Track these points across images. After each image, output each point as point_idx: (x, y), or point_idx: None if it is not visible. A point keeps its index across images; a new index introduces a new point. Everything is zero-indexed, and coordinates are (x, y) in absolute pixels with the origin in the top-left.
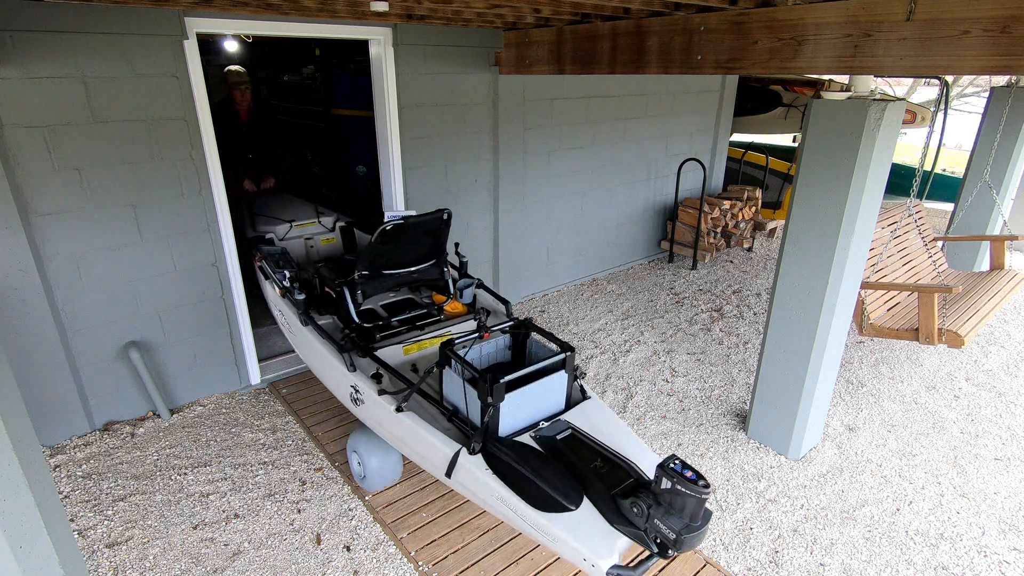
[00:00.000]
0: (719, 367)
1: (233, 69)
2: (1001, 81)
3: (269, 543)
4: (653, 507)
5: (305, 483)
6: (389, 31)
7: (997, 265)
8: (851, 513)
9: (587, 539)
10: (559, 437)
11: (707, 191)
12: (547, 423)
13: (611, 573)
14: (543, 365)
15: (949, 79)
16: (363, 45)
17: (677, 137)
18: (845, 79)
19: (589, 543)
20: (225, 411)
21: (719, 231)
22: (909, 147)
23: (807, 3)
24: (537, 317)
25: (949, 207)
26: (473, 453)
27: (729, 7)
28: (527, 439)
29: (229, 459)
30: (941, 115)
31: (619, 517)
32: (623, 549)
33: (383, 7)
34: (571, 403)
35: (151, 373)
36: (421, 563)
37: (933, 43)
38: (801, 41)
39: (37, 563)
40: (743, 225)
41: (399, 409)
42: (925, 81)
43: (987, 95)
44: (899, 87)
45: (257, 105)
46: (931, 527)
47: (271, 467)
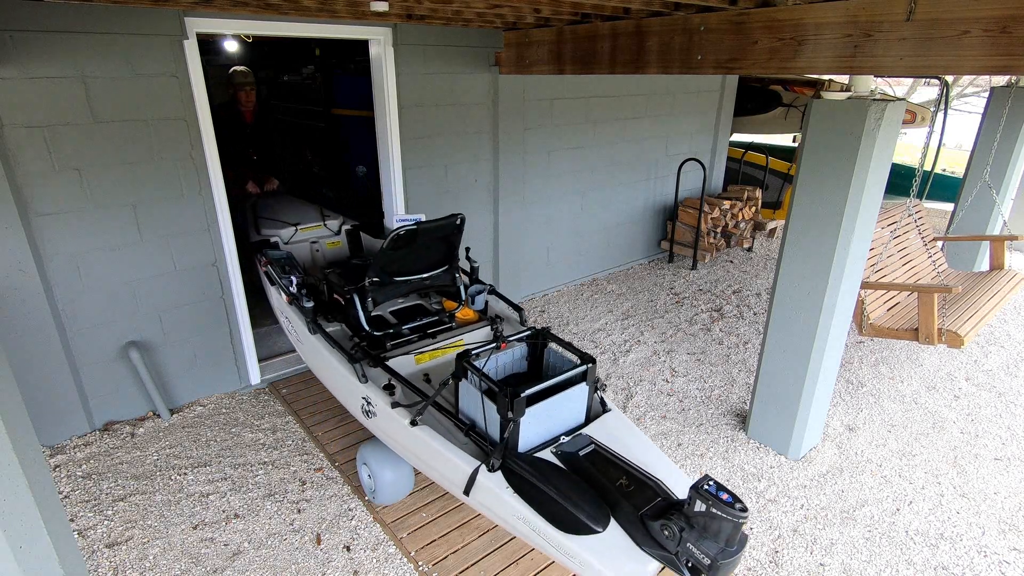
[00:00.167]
0: (719, 367)
1: (239, 70)
2: (1001, 81)
3: (269, 543)
4: (686, 530)
5: (305, 483)
6: (389, 31)
7: (997, 265)
8: (851, 513)
9: (616, 563)
10: (581, 453)
11: (707, 191)
12: (568, 438)
13: None
14: (564, 378)
15: (949, 79)
16: (363, 45)
17: (677, 137)
18: (845, 79)
19: (618, 568)
20: (225, 411)
21: (719, 231)
22: (909, 147)
23: (807, 3)
24: (537, 317)
25: (949, 207)
26: (492, 470)
27: (729, 7)
28: (548, 455)
29: (229, 459)
30: (941, 115)
31: (648, 540)
32: (653, 574)
33: (383, 7)
34: (591, 416)
35: (151, 373)
36: (421, 563)
37: (933, 43)
38: (801, 41)
39: (37, 563)
40: (743, 225)
41: (414, 423)
42: (925, 81)
43: (987, 95)
44: (899, 87)
45: (261, 106)
46: (931, 527)
47: (271, 467)
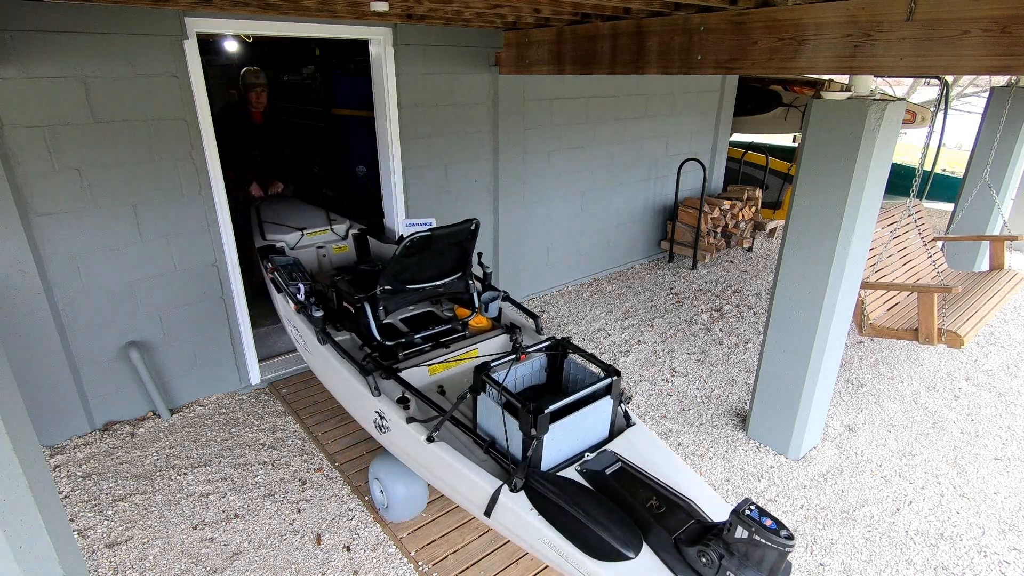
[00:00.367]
0: (719, 367)
1: (251, 69)
2: (1001, 81)
3: (269, 543)
4: (725, 558)
5: (305, 483)
6: (389, 31)
7: (997, 265)
8: (851, 513)
9: None
10: (608, 471)
11: (707, 191)
12: (592, 454)
13: None
14: (589, 392)
15: (949, 79)
16: (363, 45)
17: (677, 137)
18: (845, 79)
19: None
20: (225, 411)
21: (719, 231)
22: (909, 147)
23: (807, 3)
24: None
25: (949, 207)
26: (515, 490)
27: (729, 7)
28: (572, 473)
29: (229, 459)
30: (941, 115)
31: (684, 567)
32: None
33: (383, 7)
34: (615, 431)
35: (151, 373)
36: (421, 563)
37: (933, 43)
38: (801, 41)
39: (37, 563)
40: (743, 225)
41: (431, 439)
42: (925, 81)
43: (987, 95)
44: (899, 87)
45: (271, 107)
46: (931, 527)
47: (271, 467)
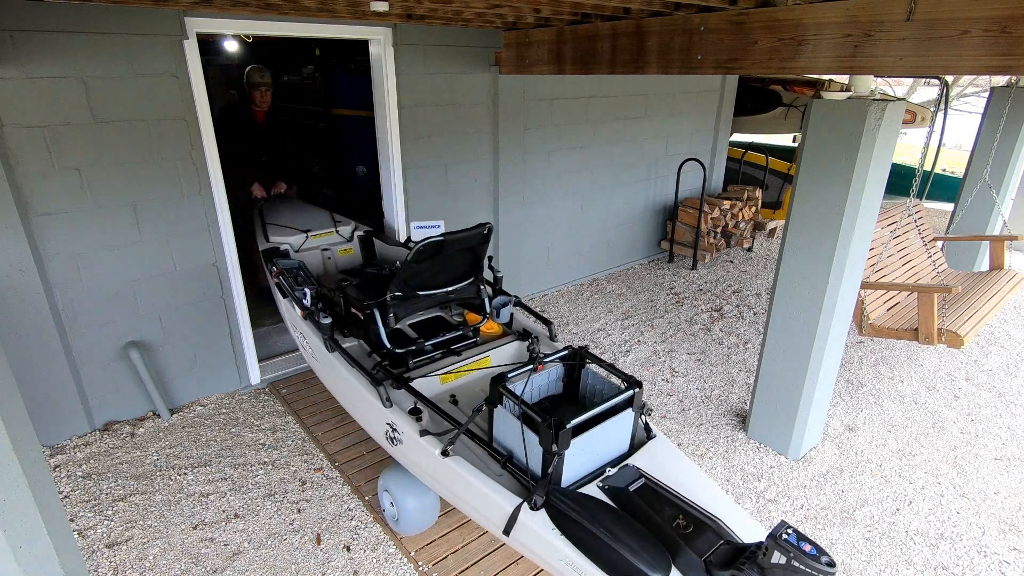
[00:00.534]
0: (719, 367)
1: (256, 68)
2: (1001, 81)
3: (269, 543)
4: None
5: (305, 483)
6: (389, 31)
7: (997, 265)
8: (851, 513)
9: None
10: (631, 488)
11: (707, 191)
12: (613, 469)
13: None
14: (610, 405)
15: (949, 79)
16: (363, 45)
17: (677, 137)
18: (845, 79)
19: None
20: (225, 411)
21: (719, 231)
22: (909, 147)
23: (807, 3)
24: None
25: (949, 207)
26: (535, 508)
27: (729, 7)
28: (594, 489)
29: (229, 459)
30: (941, 115)
31: None
32: None
33: (383, 7)
34: (635, 444)
35: (151, 373)
36: (421, 563)
37: (933, 43)
38: (801, 41)
39: (37, 563)
40: (743, 225)
41: (445, 453)
42: (925, 81)
43: (987, 95)
44: (899, 87)
45: (275, 107)
46: (931, 527)
47: (271, 467)
